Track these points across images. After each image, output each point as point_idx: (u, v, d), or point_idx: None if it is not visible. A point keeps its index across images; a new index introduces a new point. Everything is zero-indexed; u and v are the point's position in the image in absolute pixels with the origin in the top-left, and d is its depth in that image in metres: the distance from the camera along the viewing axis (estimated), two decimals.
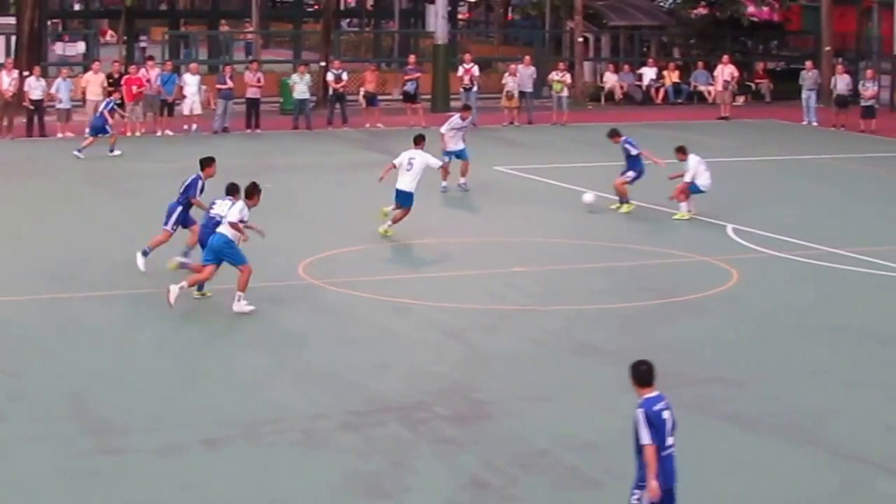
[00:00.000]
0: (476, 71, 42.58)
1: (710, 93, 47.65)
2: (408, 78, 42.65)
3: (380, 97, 43.26)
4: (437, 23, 47.02)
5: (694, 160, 27.27)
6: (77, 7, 66.77)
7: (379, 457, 14.21)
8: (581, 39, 49.26)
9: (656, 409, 10.96)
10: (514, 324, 19.52)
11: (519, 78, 42.73)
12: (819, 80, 44.81)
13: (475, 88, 42.30)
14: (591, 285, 22.03)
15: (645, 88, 49.20)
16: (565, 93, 42.99)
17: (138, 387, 16.43)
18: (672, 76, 49.26)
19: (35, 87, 37.94)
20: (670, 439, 11.03)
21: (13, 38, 44.33)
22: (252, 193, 19.94)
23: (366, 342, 18.44)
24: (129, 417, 15.30)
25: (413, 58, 45.22)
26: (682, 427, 11.43)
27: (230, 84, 39.82)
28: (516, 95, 42.62)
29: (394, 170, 25.19)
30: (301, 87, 40.47)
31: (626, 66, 50.21)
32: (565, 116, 42.76)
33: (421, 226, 25.25)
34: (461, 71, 42.71)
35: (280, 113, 43.18)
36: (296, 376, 16.96)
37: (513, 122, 42.48)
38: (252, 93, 40.13)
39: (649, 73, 49.31)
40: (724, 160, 33.79)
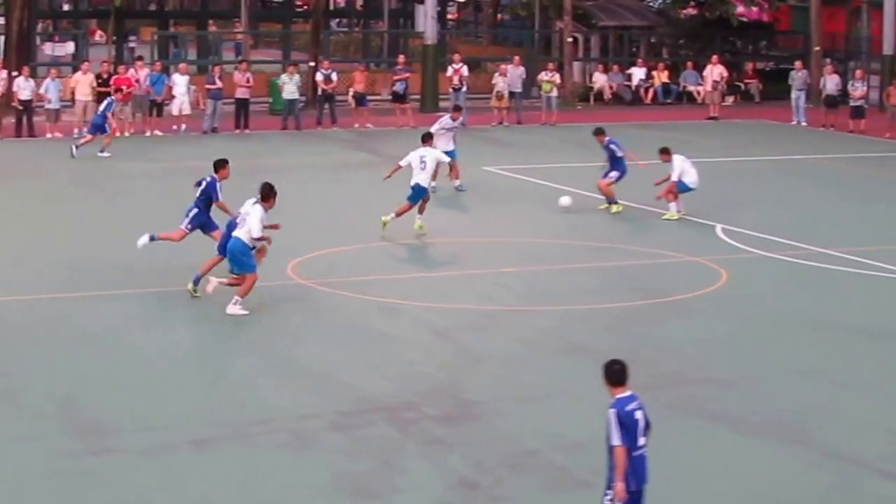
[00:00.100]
0: (465, 71, 42.63)
1: (699, 93, 47.64)
2: (397, 78, 42.63)
3: (369, 97, 43.28)
4: (427, 23, 46.98)
5: (678, 158, 27.30)
6: (66, 7, 66.57)
7: (367, 457, 14.18)
8: (570, 39, 49.26)
9: (628, 409, 10.91)
10: (504, 324, 19.51)
11: (508, 78, 42.71)
12: (808, 81, 44.84)
13: (464, 89, 42.34)
14: (581, 285, 22.03)
15: (634, 89, 49.20)
16: (555, 93, 43.01)
17: (127, 387, 16.40)
18: (661, 76, 49.26)
19: (24, 88, 37.90)
20: (642, 440, 10.98)
21: (2, 38, 44.28)
22: (268, 196, 19.79)
23: (354, 342, 18.41)
24: (118, 418, 15.26)
25: (402, 58, 45.23)
26: (670, 427, 11.44)
27: (219, 84, 39.82)
28: (506, 96, 42.59)
29: (400, 170, 25.44)
30: (290, 87, 40.43)
31: (616, 67, 50.25)
32: (555, 117, 42.77)
33: (410, 226, 25.23)
34: (450, 71, 42.71)
35: (269, 113, 43.14)
36: (284, 377, 16.93)
37: (502, 123, 42.47)
38: (241, 93, 40.07)
39: (639, 73, 49.31)
40: (713, 160, 33.83)
